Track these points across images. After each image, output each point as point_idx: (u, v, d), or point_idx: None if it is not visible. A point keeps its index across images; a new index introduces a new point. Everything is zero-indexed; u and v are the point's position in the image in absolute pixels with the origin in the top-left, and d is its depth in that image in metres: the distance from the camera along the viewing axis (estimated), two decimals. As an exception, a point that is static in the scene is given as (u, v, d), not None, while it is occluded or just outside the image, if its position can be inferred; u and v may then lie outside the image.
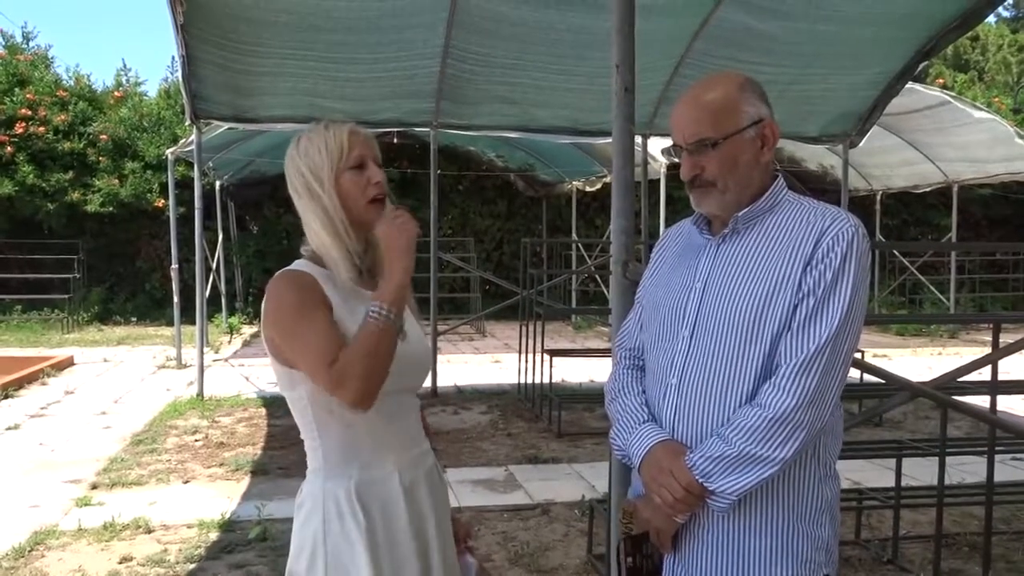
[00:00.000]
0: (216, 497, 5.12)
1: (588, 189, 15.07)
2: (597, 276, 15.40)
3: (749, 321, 1.63)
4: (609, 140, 2.71)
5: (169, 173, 11.02)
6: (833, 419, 1.68)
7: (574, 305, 15.64)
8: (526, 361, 7.96)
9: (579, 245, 16.00)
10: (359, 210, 1.78)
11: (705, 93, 1.74)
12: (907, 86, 7.84)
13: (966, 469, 5.26)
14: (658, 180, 11.79)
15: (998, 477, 3.76)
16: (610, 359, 2.67)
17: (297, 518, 1.81)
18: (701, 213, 1.80)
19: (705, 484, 1.60)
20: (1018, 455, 5.72)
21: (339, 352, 1.65)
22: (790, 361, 1.58)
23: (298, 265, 1.80)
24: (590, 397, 7.83)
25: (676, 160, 1.81)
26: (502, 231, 16.92)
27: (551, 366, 7.58)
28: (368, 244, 1.83)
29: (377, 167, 1.81)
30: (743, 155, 1.70)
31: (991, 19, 25.78)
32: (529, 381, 7.91)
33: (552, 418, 7.08)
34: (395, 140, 13.96)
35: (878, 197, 15.74)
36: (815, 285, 1.60)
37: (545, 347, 7.75)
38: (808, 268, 1.61)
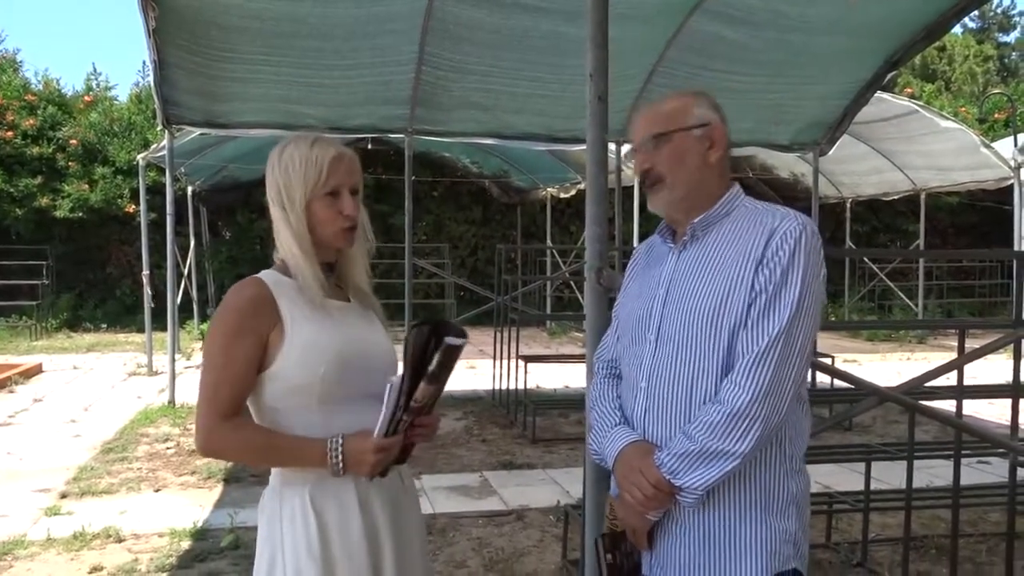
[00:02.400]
0: (188, 505, 5.08)
1: (562, 196, 15.14)
2: (572, 282, 15.46)
3: (707, 322, 1.71)
4: (583, 147, 2.73)
5: (140, 178, 10.91)
6: (796, 415, 1.75)
7: (548, 311, 15.67)
8: (500, 367, 7.97)
9: (553, 251, 16.06)
10: (326, 237, 1.80)
11: (661, 103, 1.86)
12: (876, 95, 7.96)
13: (934, 472, 5.34)
14: (632, 187, 11.86)
15: (964, 480, 3.81)
16: (584, 365, 2.69)
17: (260, 524, 1.84)
18: (666, 225, 1.90)
19: (672, 481, 1.66)
20: (984, 459, 5.82)
21: (238, 401, 1.72)
22: (744, 357, 1.65)
23: (263, 274, 1.81)
24: (564, 403, 7.86)
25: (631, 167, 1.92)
26: (477, 237, 16.93)
27: (525, 372, 7.60)
28: (338, 258, 1.87)
29: (352, 196, 1.81)
30: (690, 153, 1.78)
31: (957, 30, 26.25)
32: (503, 387, 7.92)
33: (526, 424, 7.09)
34: (370, 146, 13.93)
35: (848, 204, 15.96)
36: (766, 283, 1.67)
37: (519, 353, 7.76)
38: (760, 267, 1.68)
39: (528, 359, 7.80)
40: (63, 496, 5.30)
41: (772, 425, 1.65)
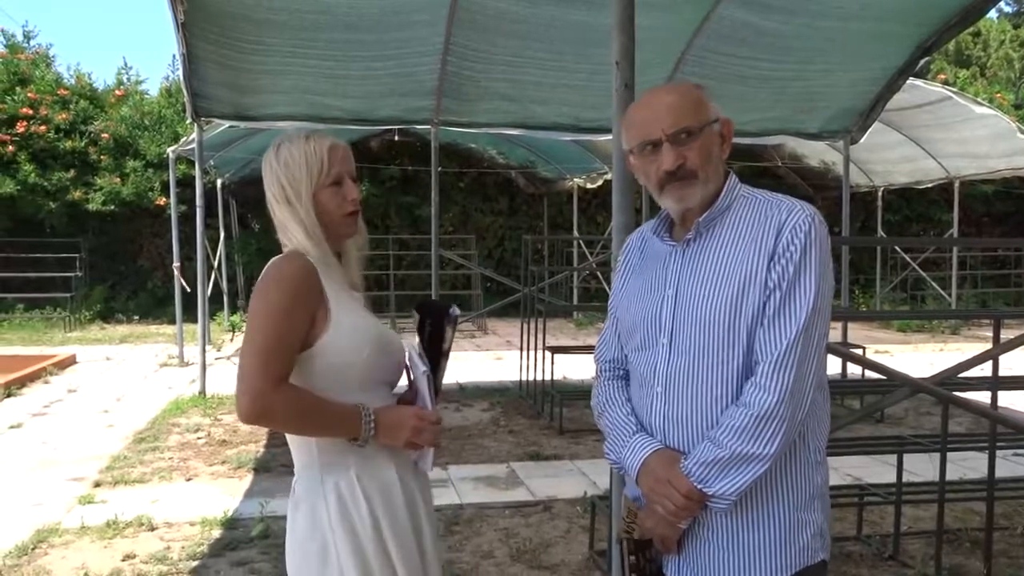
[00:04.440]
0: (219, 494, 5.14)
1: (589, 186, 15.07)
2: (598, 273, 15.41)
3: (725, 322, 1.66)
4: (610, 137, 2.71)
5: (170, 171, 11.03)
6: (817, 405, 1.72)
7: (575, 302, 15.64)
8: (527, 358, 7.97)
9: (580, 242, 16.00)
10: (334, 224, 1.84)
11: (669, 92, 1.78)
12: (908, 82, 7.82)
13: (967, 465, 5.27)
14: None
15: (999, 473, 3.76)
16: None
17: (293, 518, 1.83)
18: (663, 218, 1.84)
19: (703, 489, 1.63)
20: (1019, 451, 5.73)
21: (290, 370, 1.73)
22: (766, 358, 1.62)
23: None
24: (591, 394, 7.83)
25: (633, 161, 1.80)
26: (503, 228, 16.91)
27: (552, 363, 7.59)
28: (341, 252, 1.90)
29: (353, 183, 1.86)
30: (714, 147, 1.74)
31: (992, 14, 25.73)
32: (530, 378, 7.92)
33: (553, 415, 7.09)
34: (396, 137, 13.96)
35: (880, 193, 15.72)
36: (780, 279, 1.64)
37: (546, 344, 7.75)
38: (772, 262, 1.65)
39: (555, 350, 7.78)
40: (96, 485, 5.38)
41: (797, 423, 1.64)
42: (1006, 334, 3.60)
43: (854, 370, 7.79)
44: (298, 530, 1.82)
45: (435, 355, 1.88)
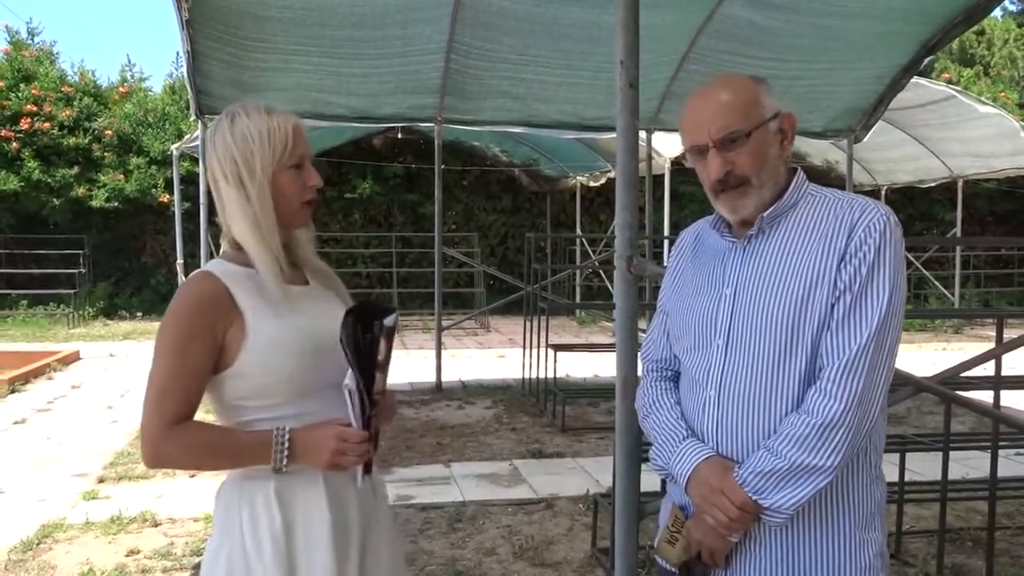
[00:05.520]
0: (222, 491, 5.15)
1: (592, 184, 15.09)
2: (601, 271, 15.42)
3: (788, 324, 1.56)
4: (613, 136, 2.71)
5: (174, 168, 11.06)
6: (878, 418, 1.61)
7: (578, 300, 15.66)
8: (530, 356, 7.97)
9: (583, 240, 16.02)
10: (290, 211, 1.66)
11: (721, 89, 1.64)
12: (912, 81, 7.83)
13: (970, 464, 5.27)
14: (662, 175, 11.80)
15: (1001, 472, 3.76)
16: (614, 354, 2.67)
17: (216, 512, 1.70)
18: (721, 216, 1.71)
19: (759, 501, 1.53)
20: (1021, 450, 5.73)
21: (188, 408, 1.59)
22: (833, 363, 1.51)
23: (212, 265, 1.66)
24: (594, 392, 7.84)
25: (687, 165, 1.71)
26: (506, 226, 16.93)
27: (555, 361, 7.59)
28: (289, 240, 1.72)
29: (312, 168, 1.69)
30: (770, 148, 1.62)
31: (997, 13, 25.67)
32: (533, 376, 7.92)
33: (556, 413, 7.09)
34: (399, 135, 13.99)
35: (883, 192, 15.71)
36: (851, 281, 1.53)
37: (549, 342, 7.76)
38: (843, 263, 1.54)
39: (558, 348, 7.79)
40: (100, 481, 5.40)
41: (863, 435, 1.53)
42: (1009, 333, 3.60)
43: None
44: (212, 542, 1.66)
45: (369, 366, 1.59)
